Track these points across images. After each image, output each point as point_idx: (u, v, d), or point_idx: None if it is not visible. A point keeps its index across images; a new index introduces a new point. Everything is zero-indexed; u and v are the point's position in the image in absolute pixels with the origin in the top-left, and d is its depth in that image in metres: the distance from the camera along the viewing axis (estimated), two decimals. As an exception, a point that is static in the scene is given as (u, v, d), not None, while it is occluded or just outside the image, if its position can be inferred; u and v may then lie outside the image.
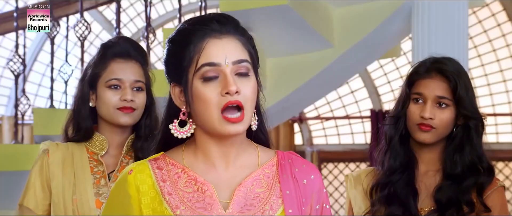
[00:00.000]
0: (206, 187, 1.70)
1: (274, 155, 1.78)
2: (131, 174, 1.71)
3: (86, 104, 2.59)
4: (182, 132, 1.71)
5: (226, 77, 1.66)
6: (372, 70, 9.93)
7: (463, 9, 4.61)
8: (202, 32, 1.69)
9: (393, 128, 2.54)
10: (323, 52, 4.73)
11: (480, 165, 2.49)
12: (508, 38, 9.53)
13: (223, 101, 1.65)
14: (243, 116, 1.67)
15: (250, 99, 1.68)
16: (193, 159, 1.74)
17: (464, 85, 2.47)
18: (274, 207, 1.71)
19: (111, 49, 2.60)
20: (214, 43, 1.68)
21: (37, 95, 10.33)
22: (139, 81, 2.57)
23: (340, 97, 10.18)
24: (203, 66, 1.67)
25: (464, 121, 2.49)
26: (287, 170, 1.75)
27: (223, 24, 1.71)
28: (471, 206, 2.44)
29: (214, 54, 1.67)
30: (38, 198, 2.56)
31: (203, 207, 1.68)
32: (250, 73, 1.70)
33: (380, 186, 2.51)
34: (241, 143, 1.74)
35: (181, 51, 1.70)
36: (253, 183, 1.72)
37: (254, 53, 1.74)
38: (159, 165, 1.73)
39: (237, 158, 1.73)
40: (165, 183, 1.71)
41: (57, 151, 2.58)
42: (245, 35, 1.73)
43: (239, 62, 1.68)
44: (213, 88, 1.66)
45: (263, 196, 1.71)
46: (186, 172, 1.72)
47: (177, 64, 1.71)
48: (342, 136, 10.28)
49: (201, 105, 1.67)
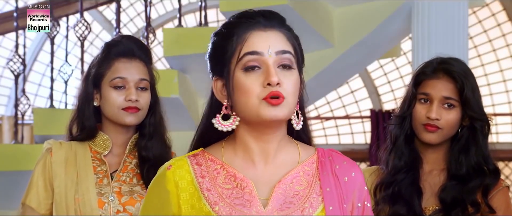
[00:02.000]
0: (245, 184, 1.68)
1: (314, 152, 1.76)
2: (170, 169, 1.70)
3: (90, 103, 2.58)
4: (226, 125, 1.69)
5: (269, 68, 1.64)
6: (372, 70, 9.94)
7: (463, 9, 4.61)
8: (247, 24, 1.68)
9: (398, 127, 2.53)
10: (323, 52, 4.73)
11: (485, 166, 2.49)
12: (508, 38, 9.53)
13: (265, 92, 1.64)
14: (284, 101, 1.64)
15: (292, 94, 1.66)
16: (233, 155, 1.72)
17: (470, 86, 2.47)
18: (314, 204, 1.68)
19: (115, 48, 2.59)
20: (258, 34, 1.67)
21: (37, 95, 10.33)
22: (144, 81, 2.57)
23: (340, 97, 10.18)
24: (245, 56, 1.66)
25: (470, 122, 2.49)
26: (328, 167, 1.73)
27: (269, 19, 1.70)
28: (476, 207, 2.44)
29: (257, 44, 1.66)
30: (41, 197, 2.55)
31: (242, 204, 1.66)
32: (293, 66, 1.68)
33: (385, 185, 2.51)
34: (281, 139, 1.71)
35: (224, 43, 1.69)
36: (292, 180, 1.70)
37: (299, 50, 1.72)
38: (198, 161, 1.72)
39: (277, 154, 1.71)
40: (204, 179, 1.69)
41: (60, 150, 2.57)
42: (291, 31, 1.73)
43: (282, 53, 1.67)
44: (254, 79, 1.65)
45: (302, 193, 1.69)
46: (225, 168, 1.70)
47: (220, 56, 1.69)
48: (342, 135, 10.28)
49: (242, 96, 1.65)
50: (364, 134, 10.15)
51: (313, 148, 1.77)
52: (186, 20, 8.84)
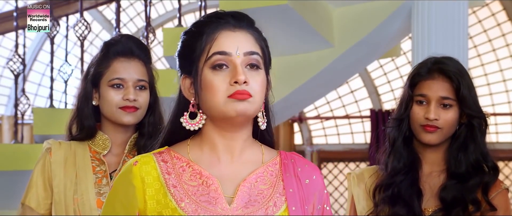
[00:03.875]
0: (211, 181, 1.71)
1: (277, 154, 1.80)
2: (136, 165, 1.72)
3: (89, 102, 2.58)
4: (193, 124, 1.72)
5: (236, 67, 1.68)
6: (372, 70, 9.93)
7: (463, 9, 4.61)
8: (216, 24, 1.72)
9: (396, 130, 2.53)
10: (323, 52, 4.73)
11: (484, 163, 2.50)
12: (508, 38, 9.53)
13: (231, 90, 1.67)
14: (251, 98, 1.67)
15: (259, 92, 1.69)
16: (199, 153, 1.74)
17: (466, 85, 2.48)
18: (277, 204, 1.72)
19: (114, 47, 2.59)
20: (227, 34, 1.71)
21: (37, 95, 10.33)
22: (142, 80, 2.57)
23: (340, 97, 10.17)
24: (214, 55, 1.69)
25: (468, 119, 2.49)
26: (290, 169, 1.77)
27: (238, 20, 1.74)
28: (477, 205, 2.44)
29: (226, 44, 1.70)
30: (40, 197, 2.55)
31: (208, 201, 1.69)
32: (260, 66, 1.72)
33: (384, 187, 2.51)
34: (247, 138, 1.75)
35: (194, 42, 1.72)
36: (257, 179, 1.73)
37: (266, 52, 1.76)
38: (164, 158, 1.74)
39: (242, 153, 1.74)
40: (170, 176, 1.71)
41: (59, 149, 2.58)
42: (259, 33, 1.76)
43: (250, 54, 1.70)
44: (222, 77, 1.68)
45: (266, 193, 1.72)
46: (191, 166, 1.73)
47: (189, 55, 1.73)
48: (342, 135, 10.27)
49: (209, 94, 1.68)
50: (364, 134, 10.14)
51: (276, 150, 1.81)
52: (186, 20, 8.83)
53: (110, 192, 1.76)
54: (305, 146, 10.10)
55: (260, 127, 1.74)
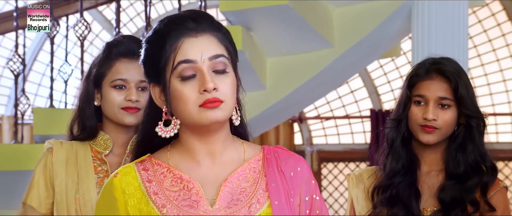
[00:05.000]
0: (191, 185, 1.70)
1: (260, 150, 1.79)
2: (116, 176, 1.73)
3: (90, 103, 2.59)
4: (168, 131, 1.71)
5: (203, 75, 1.67)
6: (372, 70, 9.93)
7: (463, 9, 4.61)
8: (177, 32, 1.70)
9: (394, 130, 2.54)
10: (323, 52, 4.73)
11: (483, 163, 2.50)
12: (508, 38, 9.52)
13: (202, 99, 1.66)
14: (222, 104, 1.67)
15: (229, 96, 1.69)
16: (179, 158, 1.74)
17: (464, 85, 2.48)
18: (261, 200, 1.71)
19: (116, 48, 2.59)
20: (189, 41, 1.69)
21: (37, 95, 10.32)
22: (144, 81, 2.57)
23: (340, 97, 10.17)
24: (179, 64, 1.68)
25: (466, 120, 2.50)
26: (273, 164, 1.76)
27: (198, 22, 1.71)
28: (476, 206, 2.44)
29: (189, 51, 1.68)
30: (42, 196, 2.56)
31: (190, 205, 1.68)
32: (227, 69, 1.70)
33: (382, 188, 2.52)
34: (225, 139, 1.74)
35: (157, 52, 1.71)
36: (239, 178, 1.73)
37: (231, 48, 1.74)
38: (145, 166, 1.75)
39: (223, 154, 1.74)
40: (151, 184, 1.72)
41: (61, 149, 2.58)
42: (221, 31, 1.74)
43: (215, 58, 1.69)
44: (191, 88, 1.67)
45: (249, 190, 1.71)
46: (171, 171, 1.73)
47: (154, 65, 1.72)
48: (342, 135, 10.27)
49: (180, 104, 1.68)
50: (364, 134, 10.13)
51: (259, 146, 1.80)
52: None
53: (96, 205, 1.76)
54: (305, 146, 10.10)
55: (234, 123, 1.74)
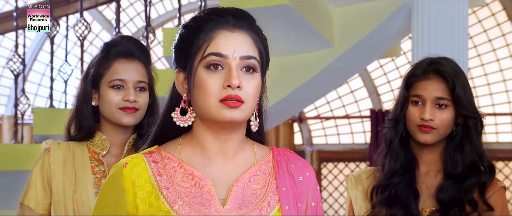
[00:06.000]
0: (203, 182, 1.67)
1: (269, 151, 1.77)
2: (126, 167, 1.68)
3: (88, 103, 2.59)
4: (184, 120, 1.69)
5: (231, 70, 1.64)
6: (372, 70, 9.93)
7: (463, 9, 4.61)
8: (215, 22, 1.68)
9: (392, 130, 2.54)
10: (323, 52, 4.73)
11: (481, 163, 2.50)
12: (508, 38, 9.53)
13: (224, 93, 1.64)
14: (242, 105, 1.64)
15: (252, 97, 1.66)
16: (191, 153, 1.71)
17: (462, 85, 2.48)
18: (271, 203, 1.69)
19: (114, 48, 2.59)
20: (225, 35, 1.67)
21: (37, 95, 10.33)
22: (142, 82, 2.58)
23: (340, 97, 10.18)
24: (210, 55, 1.65)
25: (464, 120, 2.50)
26: (283, 166, 1.74)
27: (238, 19, 1.69)
28: (474, 206, 2.45)
29: (223, 45, 1.66)
30: (39, 197, 2.56)
31: (201, 203, 1.66)
32: (256, 70, 1.68)
33: (381, 188, 2.52)
34: (241, 140, 1.72)
35: (191, 38, 1.69)
36: (250, 179, 1.71)
37: (264, 54, 1.73)
38: (155, 159, 1.71)
39: (236, 154, 1.72)
40: (161, 177, 1.68)
41: (58, 150, 2.58)
42: (259, 34, 1.72)
43: (247, 58, 1.67)
44: (216, 79, 1.65)
45: (260, 192, 1.70)
46: (183, 166, 1.69)
47: (185, 50, 1.69)
48: (342, 135, 10.27)
49: (202, 94, 1.65)
50: (364, 134, 10.14)
51: (267, 147, 1.78)
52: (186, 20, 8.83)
53: (99, 194, 1.72)
54: (305, 146, 10.10)
55: (252, 129, 1.72)
